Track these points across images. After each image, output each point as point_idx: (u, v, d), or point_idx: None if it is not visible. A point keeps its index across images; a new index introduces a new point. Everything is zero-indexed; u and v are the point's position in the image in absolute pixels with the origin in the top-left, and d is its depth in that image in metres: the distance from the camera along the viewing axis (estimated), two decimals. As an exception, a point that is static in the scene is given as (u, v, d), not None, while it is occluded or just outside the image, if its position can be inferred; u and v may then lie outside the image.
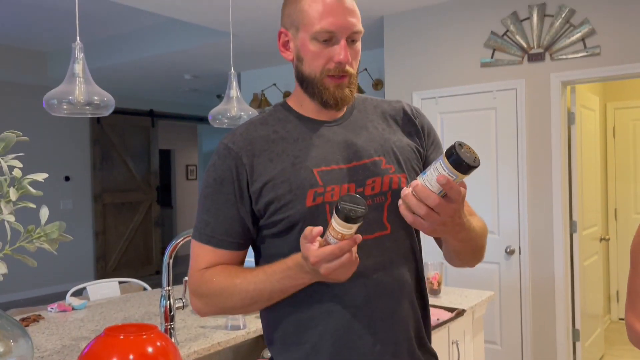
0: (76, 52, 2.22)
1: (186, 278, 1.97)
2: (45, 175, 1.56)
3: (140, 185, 7.82)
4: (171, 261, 1.81)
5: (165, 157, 10.08)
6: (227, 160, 1.10)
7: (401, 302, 1.10)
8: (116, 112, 7.25)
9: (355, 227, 0.91)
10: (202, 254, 1.13)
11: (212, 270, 1.10)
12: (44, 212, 1.54)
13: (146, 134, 7.92)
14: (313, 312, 1.07)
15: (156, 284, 2.62)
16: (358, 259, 0.95)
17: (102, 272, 7.23)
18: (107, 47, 5.57)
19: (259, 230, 1.12)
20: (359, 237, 0.92)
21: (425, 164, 1.18)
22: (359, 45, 1.11)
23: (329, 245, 0.91)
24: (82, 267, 7.12)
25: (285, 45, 1.15)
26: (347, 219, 0.89)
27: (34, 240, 1.46)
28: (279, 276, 1.02)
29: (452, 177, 0.89)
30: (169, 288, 1.79)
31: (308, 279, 0.99)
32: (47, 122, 6.60)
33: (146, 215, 7.87)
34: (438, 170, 0.90)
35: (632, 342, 1.27)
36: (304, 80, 1.12)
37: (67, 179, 6.98)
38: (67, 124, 6.91)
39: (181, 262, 9.42)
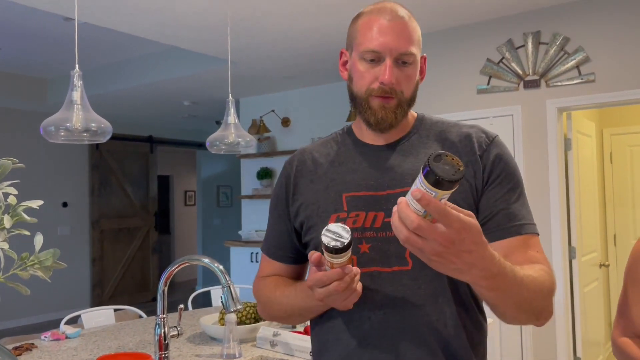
0: (75, 79, 2.24)
1: (181, 306, 1.95)
2: (41, 202, 1.56)
3: (138, 211, 7.80)
4: (166, 289, 1.79)
5: (164, 182, 10.08)
6: (281, 178, 1.21)
7: (412, 346, 1.01)
8: (115, 137, 7.29)
9: (341, 257, 0.89)
10: (263, 263, 1.24)
11: (266, 280, 1.20)
12: (39, 239, 1.53)
13: (145, 159, 7.93)
14: (328, 336, 1.10)
15: (152, 311, 2.59)
16: (358, 290, 0.95)
17: (98, 299, 7.16)
18: (107, 73, 5.61)
19: (305, 247, 1.17)
20: (351, 268, 0.91)
21: (479, 202, 1.05)
22: (411, 68, 1.07)
23: (320, 272, 0.92)
24: (78, 294, 7.05)
25: (344, 65, 1.15)
26: (327, 249, 0.88)
27: (28, 268, 1.45)
28: (303, 295, 1.05)
29: (432, 194, 0.73)
30: (164, 316, 1.77)
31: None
32: (46, 148, 6.62)
33: (144, 242, 7.83)
34: (416, 184, 0.74)
35: (615, 356, 1.30)
36: (353, 99, 1.12)
37: (64, 204, 6.97)
38: (65, 150, 6.92)
39: (177, 289, 9.27)
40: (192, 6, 3.46)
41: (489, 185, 1.05)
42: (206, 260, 1.70)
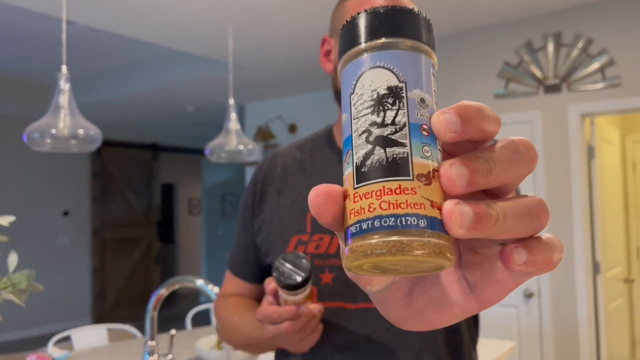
0: (61, 82, 2.07)
1: (173, 332, 1.77)
2: (11, 218, 1.39)
3: (141, 221, 7.62)
4: (155, 313, 1.61)
5: (167, 191, 9.91)
6: (250, 184, 1.05)
7: None
8: (117, 144, 7.20)
9: (297, 294, 0.77)
10: (227, 280, 1.09)
11: (228, 300, 1.05)
12: (12, 259, 1.37)
13: (148, 167, 7.76)
14: None
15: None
16: (316, 331, 0.83)
17: (99, 311, 6.97)
18: (109, 79, 5.48)
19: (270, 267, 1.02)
20: (308, 307, 0.78)
21: None
22: None
23: (273, 307, 0.80)
24: (78, 306, 6.88)
25: (327, 55, 0.99)
26: (279, 284, 0.77)
27: (0, 291, 1.30)
28: (260, 325, 0.89)
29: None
30: (153, 343, 1.59)
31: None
32: (46, 154, 6.48)
33: (146, 252, 7.63)
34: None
35: None
36: (338, 95, 0.94)
37: (65, 213, 6.81)
38: (66, 157, 6.78)
39: (181, 300, 9.06)
40: (193, 7, 3.31)
41: None
42: (199, 282, 1.51)
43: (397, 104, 0.28)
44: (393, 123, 0.28)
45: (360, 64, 0.29)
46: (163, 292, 1.57)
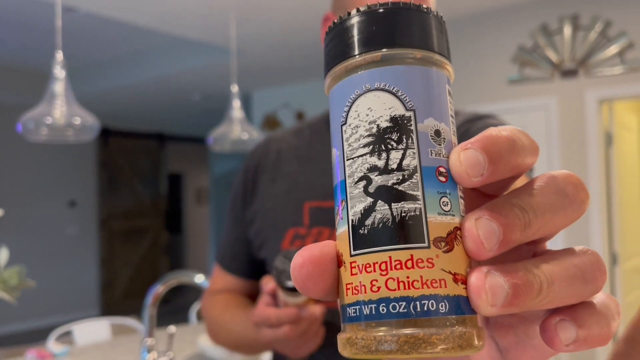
0: (56, 70, 1.98)
1: (173, 329, 1.69)
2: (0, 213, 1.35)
3: (149, 211, 7.58)
4: (154, 310, 1.54)
5: (175, 180, 9.86)
6: (241, 172, 0.97)
7: None
8: (124, 134, 7.13)
9: (298, 296, 0.70)
10: (215, 275, 1.02)
11: (217, 297, 0.98)
12: (2, 255, 1.33)
13: (155, 156, 7.71)
14: None
15: (162, 315, 2.34)
16: (317, 336, 0.75)
17: (107, 302, 6.96)
18: (114, 67, 5.42)
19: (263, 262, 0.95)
20: (310, 310, 0.71)
21: None
22: None
23: (271, 309, 0.72)
24: (86, 296, 6.87)
25: None
26: (280, 285, 0.70)
27: None
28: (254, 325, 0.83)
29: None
30: (152, 341, 1.52)
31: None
32: (52, 145, 6.44)
33: (154, 242, 7.60)
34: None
35: None
36: None
37: (72, 204, 6.78)
38: (72, 147, 6.74)
39: (185, 291, 9.02)
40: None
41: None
42: (198, 279, 1.44)
43: (405, 141, 0.21)
44: (400, 168, 0.20)
45: (354, 85, 0.21)
46: (161, 288, 1.50)
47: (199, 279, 1.43)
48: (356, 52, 0.21)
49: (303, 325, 0.71)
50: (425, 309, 0.19)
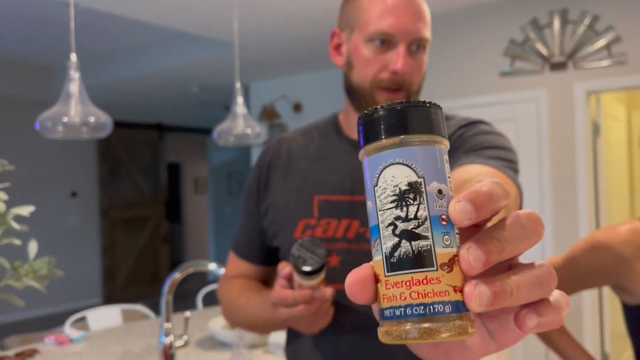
0: (71, 71, 2.09)
1: (188, 314, 1.82)
2: (31, 208, 1.45)
3: (149, 201, 7.69)
4: (171, 297, 1.66)
5: (174, 170, 9.96)
6: (255, 169, 1.06)
7: None
8: (123, 125, 7.21)
9: (313, 279, 0.81)
10: (231, 262, 1.12)
11: (233, 281, 1.07)
12: (32, 247, 1.43)
13: (154, 147, 7.81)
14: (296, 355, 1.01)
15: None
16: (328, 315, 0.86)
17: (109, 290, 7.10)
18: (114, 60, 5.49)
19: (277, 250, 1.04)
20: (322, 291, 0.81)
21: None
22: (424, 56, 0.92)
23: (288, 291, 0.82)
24: (89, 285, 7.00)
25: (337, 48, 0.98)
26: (296, 270, 0.80)
27: (22, 278, 1.36)
28: (269, 306, 0.92)
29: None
30: (169, 325, 1.65)
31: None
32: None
33: (154, 231, 7.73)
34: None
35: None
36: (351, 91, 0.95)
37: (73, 194, 6.88)
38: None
39: (191, 278, 9.12)
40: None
41: (455, 152, 0.87)
42: (212, 267, 1.57)
43: (418, 198, 0.31)
44: (415, 217, 0.31)
45: (382, 159, 0.33)
46: (178, 276, 1.63)
47: (212, 266, 1.57)
48: (383, 137, 0.32)
49: (316, 305, 0.81)
50: (436, 310, 0.30)
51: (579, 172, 3.33)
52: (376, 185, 0.33)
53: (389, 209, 0.32)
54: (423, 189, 0.32)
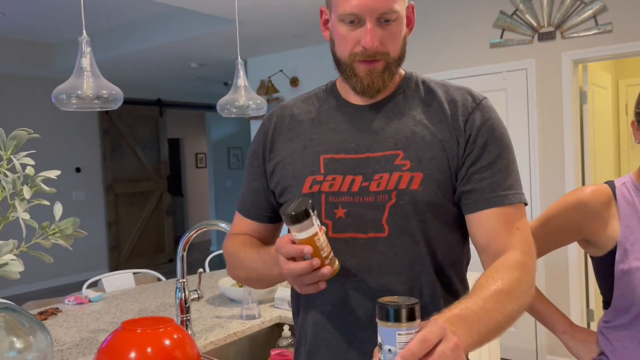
0: (83, 46, 2.21)
1: (201, 270, 1.98)
2: (58, 172, 1.57)
3: (151, 175, 7.86)
4: (185, 253, 1.82)
5: (174, 145, 10.10)
6: (259, 134, 1.14)
7: None
8: (124, 102, 7.26)
9: (297, 230, 0.85)
10: (236, 221, 1.19)
11: (235, 238, 1.15)
12: (58, 209, 1.55)
13: (154, 123, 7.92)
14: (303, 299, 1.07)
15: (169, 272, 2.63)
16: (315, 287, 0.89)
17: (115, 262, 7.31)
18: (113, 37, 5.54)
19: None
20: (322, 272, 0.87)
21: (460, 170, 0.98)
22: (395, 25, 0.97)
23: (285, 238, 0.88)
24: (96, 257, 7.19)
25: (326, 24, 1.06)
26: (284, 217, 0.86)
27: (49, 237, 1.48)
28: (263, 261, 1.00)
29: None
30: (184, 280, 1.80)
31: (278, 272, 0.93)
32: (56, 114, 6.63)
33: (158, 205, 7.92)
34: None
35: None
36: (337, 63, 1.04)
37: (78, 170, 7.03)
38: (75, 116, 6.93)
39: (193, 250, 9.36)
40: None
41: (471, 153, 0.97)
42: (223, 225, 1.72)
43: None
44: None
45: (389, 332, 0.67)
46: (192, 234, 1.79)
47: (223, 225, 1.72)
48: (392, 320, 0.66)
49: (301, 267, 0.85)
50: None
51: (566, 138, 3.47)
52: (393, 347, 0.69)
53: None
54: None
